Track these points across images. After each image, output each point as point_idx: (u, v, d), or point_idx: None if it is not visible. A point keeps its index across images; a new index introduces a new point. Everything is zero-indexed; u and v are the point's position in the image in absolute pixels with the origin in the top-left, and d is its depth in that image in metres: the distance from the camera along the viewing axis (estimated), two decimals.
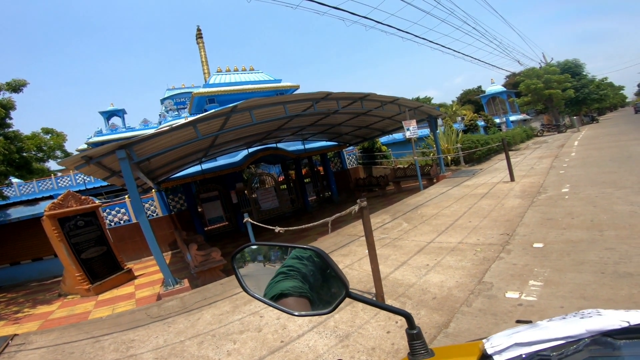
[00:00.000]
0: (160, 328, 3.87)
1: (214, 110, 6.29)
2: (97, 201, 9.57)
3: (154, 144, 6.23)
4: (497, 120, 26.80)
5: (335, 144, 15.14)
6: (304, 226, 5.17)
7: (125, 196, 12.14)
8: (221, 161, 12.64)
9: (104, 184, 18.54)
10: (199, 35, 24.32)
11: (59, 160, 11.74)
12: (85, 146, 21.65)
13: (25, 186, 19.58)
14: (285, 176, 16.08)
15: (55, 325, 5.54)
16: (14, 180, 16.48)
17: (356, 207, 3.71)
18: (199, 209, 13.23)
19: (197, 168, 11.73)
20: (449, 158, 14.04)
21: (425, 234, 5.60)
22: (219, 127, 7.12)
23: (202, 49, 24.19)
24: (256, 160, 13.28)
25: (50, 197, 17.15)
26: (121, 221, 11.74)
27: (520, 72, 30.51)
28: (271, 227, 5.66)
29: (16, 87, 9.37)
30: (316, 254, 0.86)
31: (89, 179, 20.14)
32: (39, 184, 19.89)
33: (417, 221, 6.55)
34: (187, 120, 5.97)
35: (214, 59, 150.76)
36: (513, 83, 36.05)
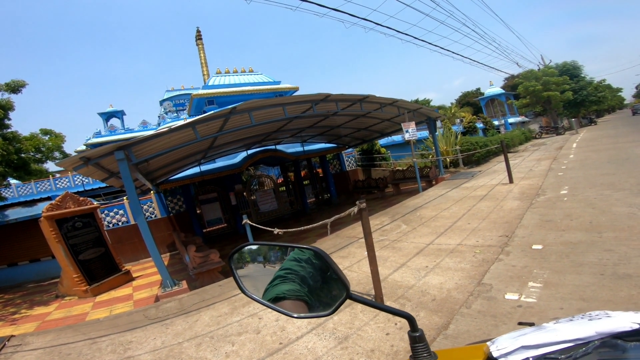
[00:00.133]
0: (158, 330, 3.85)
1: (213, 111, 6.28)
2: (96, 202, 9.54)
3: (153, 145, 6.22)
4: (496, 123, 26.88)
5: (334, 146, 15.14)
6: (303, 228, 5.17)
7: (123, 197, 12.11)
8: (220, 163, 12.63)
9: (103, 185, 18.51)
10: (199, 36, 24.37)
11: (58, 161, 11.70)
12: (84, 147, 21.64)
13: (23, 187, 19.53)
14: (284, 178, 16.07)
15: (52, 327, 5.51)
16: (12, 181, 16.39)
17: (355, 209, 3.70)
18: (198, 211, 13.21)
19: (196, 169, 11.72)
20: (448, 160, 14.06)
21: (424, 235, 5.60)
22: (218, 129, 7.12)
23: (202, 51, 24.25)
24: (255, 162, 13.28)
25: (49, 199, 17.09)
26: (119, 222, 11.71)
27: (518, 74, 30.65)
28: (270, 229, 5.65)
29: (15, 88, 9.34)
30: (316, 254, 0.83)
31: (87, 180, 20.11)
32: (37, 185, 19.85)
33: (416, 223, 6.55)
34: (186, 122, 5.97)
35: (214, 60, 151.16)
36: (512, 85, 36.20)
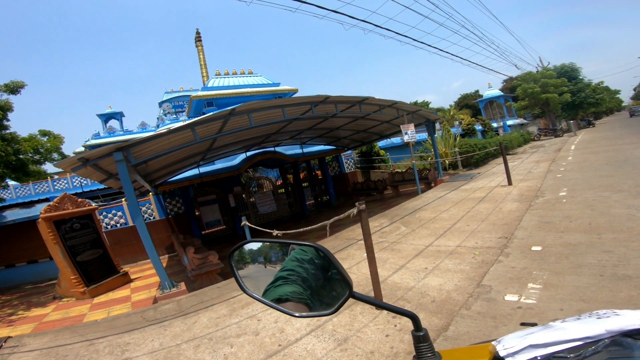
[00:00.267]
0: (156, 331, 3.83)
1: (213, 112, 6.28)
2: (94, 204, 9.51)
3: (152, 146, 6.20)
4: (495, 125, 26.97)
5: (334, 148, 15.14)
6: (302, 230, 5.15)
7: (122, 199, 12.07)
8: (219, 165, 12.61)
9: (101, 186, 18.47)
10: (198, 38, 24.41)
11: (56, 162, 11.69)
12: (82, 149, 21.61)
13: (22, 188, 19.47)
14: (283, 180, 16.05)
15: (49, 328, 5.47)
16: (10, 182, 16.38)
17: (354, 210, 3.70)
18: (197, 213, 13.17)
19: (195, 171, 11.70)
20: (447, 162, 14.07)
21: (424, 237, 5.59)
22: (217, 130, 7.11)
23: (201, 52, 24.28)
24: (254, 164, 13.26)
25: (47, 200, 17.04)
26: (118, 224, 11.67)
27: (517, 77, 30.73)
28: (269, 231, 5.63)
29: (14, 89, 9.32)
30: (318, 251, 0.82)
31: (85, 181, 20.06)
32: (35, 187, 19.78)
33: (415, 225, 6.55)
34: (185, 123, 5.96)
35: (213, 62, 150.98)
36: (510, 87, 36.30)
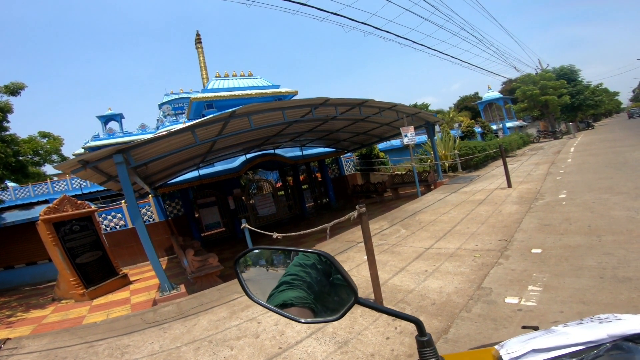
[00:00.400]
0: (156, 334, 3.82)
1: (213, 115, 6.28)
2: (93, 206, 9.50)
3: (152, 148, 6.20)
4: (494, 127, 27.03)
5: (333, 150, 15.16)
6: (302, 232, 5.15)
7: (121, 201, 12.06)
8: (219, 167, 12.61)
9: (101, 188, 18.47)
10: (198, 40, 24.48)
11: (56, 164, 11.68)
12: (82, 150, 21.57)
13: (21, 190, 19.44)
14: (283, 182, 16.05)
15: (48, 330, 5.46)
16: (10, 183, 16.36)
17: (355, 213, 3.69)
18: (196, 215, 13.16)
19: (195, 174, 11.70)
20: (447, 164, 14.09)
21: (424, 240, 5.59)
22: (217, 133, 7.12)
23: (201, 54, 24.34)
24: (254, 166, 13.26)
25: (46, 202, 17.04)
26: (117, 226, 11.65)
27: (516, 79, 30.75)
28: (269, 234, 5.63)
29: (14, 90, 9.33)
30: (324, 258, 0.82)
31: (85, 183, 20.04)
32: (35, 188, 19.75)
33: (415, 227, 6.55)
34: (185, 125, 5.97)
35: (213, 63, 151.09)
36: (509, 89, 36.32)
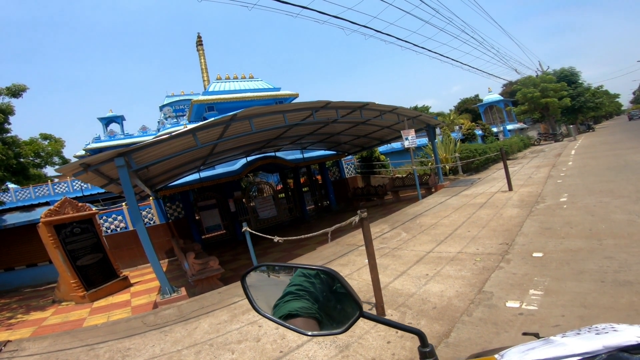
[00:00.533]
0: (157, 337, 3.82)
1: (214, 118, 6.30)
2: (94, 208, 9.52)
3: (153, 151, 6.22)
4: (495, 129, 27.00)
5: (334, 153, 15.18)
6: (304, 236, 5.13)
7: (122, 203, 12.08)
8: (219, 169, 12.63)
9: (101, 190, 18.46)
10: (199, 42, 24.56)
11: (57, 167, 11.70)
12: (83, 152, 21.63)
13: (22, 192, 19.45)
14: (284, 185, 16.06)
15: (48, 332, 5.46)
16: (10, 185, 16.38)
17: (356, 218, 3.68)
18: (197, 217, 13.17)
19: (196, 176, 11.72)
20: (447, 167, 14.09)
21: (425, 243, 5.59)
22: (218, 136, 7.14)
23: (202, 56, 24.41)
24: (255, 168, 13.28)
25: (47, 203, 17.05)
26: (118, 228, 11.66)
27: (517, 81, 30.77)
28: (270, 237, 5.61)
29: (16, 92, 9.38)
30: (330, 275, 0.84)
31: (86, 185, 20.06)
32: (35, 190, 19.76)
33: (416, 231, 6.54)
34: (187, 129, 5.98)
35: (214, 66, 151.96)
36: (510, 92, 36.38)
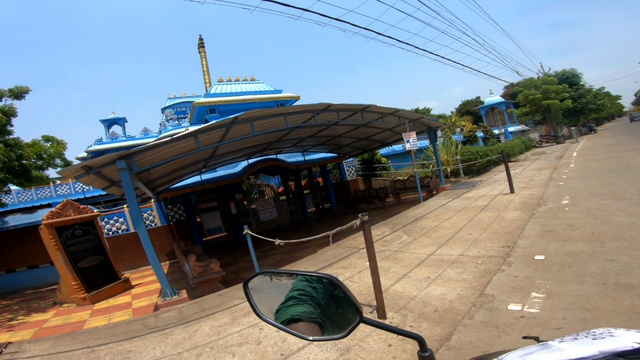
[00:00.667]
0: (158, 339, 3.81)
1: (215, 121, 6.31)
2: (96, 210, 9.54)
3: (155, 154, 6.24)
4: (496, 131, 26.97)
5: (335, 155, 15.19)
6: (305, 239, 5.14)
7: (123, 205, 12.10)
8: (221, 172, 12.64)
9: (103, 192, 18.48)
10: (201, 44, 24.65)
11: (59, 169, 11.74)
12: (85, 154, 21.68)
13: (24, 193, 19.52)
14: (285, 187, 16.06)
15: (49, 334, 5.45)
16: (12, 187, 16.44)
17: (357, 222, 3.68)
18: (198, 220, 13.18)
19: (197, 178, 11.73)
20: (449, 170, 14.06)
21: (426, 246, 5.58)
22: (219, 138, 7.15)
23: (204, 58, 24.51)
24: (256, 171, 13.30)
25: (49, 205, 17.09)
26: (119, 230, 11.68)
27: (518, 83, 30.74)
28: (271, 240, 5.62)
29: (18, 94, 9.42)
30: (331, 282, 0.85)
31: (87, 187, 20.10)
32: (37, 192, 19.84)
33: (417, 234, 6.53)
34: (188, 131, 5.99)
35: (216, 68, 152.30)
36: (511, 94, 36.33)
